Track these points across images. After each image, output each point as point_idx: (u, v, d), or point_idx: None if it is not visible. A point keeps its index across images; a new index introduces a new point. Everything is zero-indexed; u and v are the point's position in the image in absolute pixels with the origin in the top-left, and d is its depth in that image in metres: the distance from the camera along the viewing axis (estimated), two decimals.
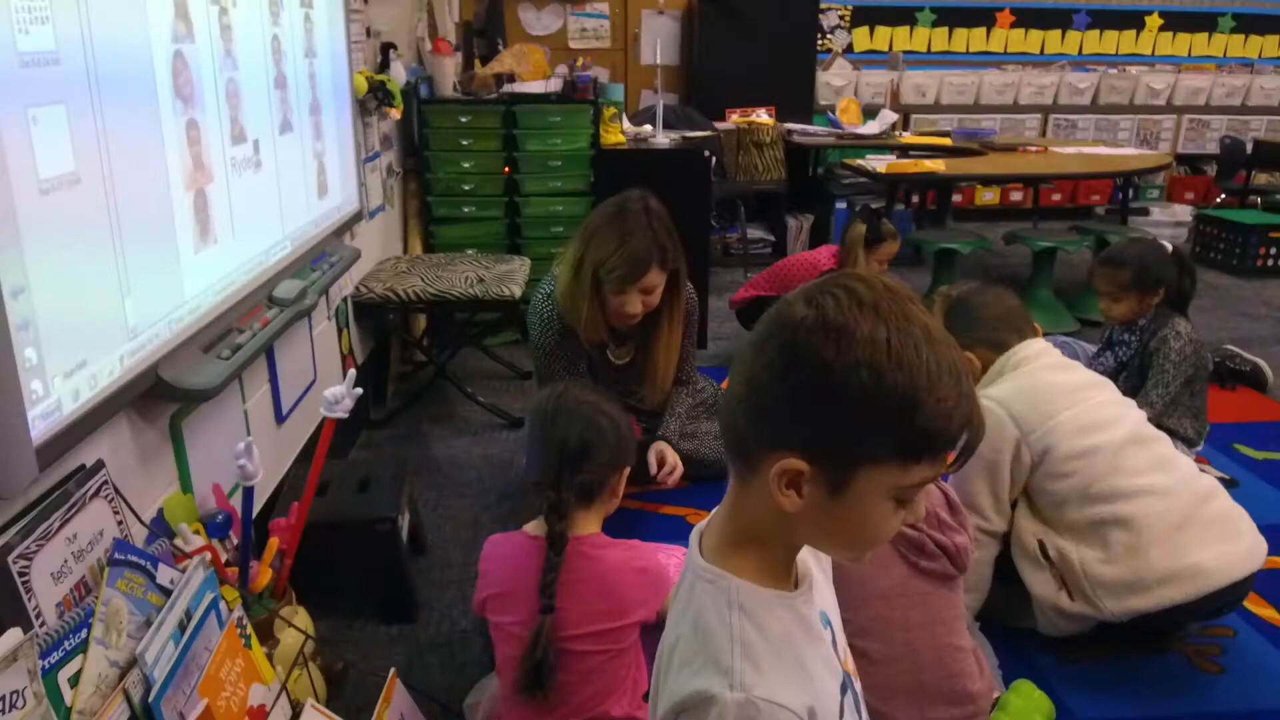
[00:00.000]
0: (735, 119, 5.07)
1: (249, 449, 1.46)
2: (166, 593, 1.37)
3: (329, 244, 2.55)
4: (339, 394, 1.63)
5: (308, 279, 2.21)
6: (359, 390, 1.67)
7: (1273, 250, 5.05)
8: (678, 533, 2.40)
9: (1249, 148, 5.77)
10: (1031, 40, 6.40)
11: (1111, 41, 6.45)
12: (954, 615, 1.61)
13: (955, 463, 0.86)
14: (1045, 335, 3.80)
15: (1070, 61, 6.41)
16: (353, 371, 1.67)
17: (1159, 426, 2.52)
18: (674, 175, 3.30)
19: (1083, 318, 4.22)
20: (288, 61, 2.23)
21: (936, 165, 3.99)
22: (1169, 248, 2.77)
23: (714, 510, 0.95)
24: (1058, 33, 6.40)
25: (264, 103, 2.08)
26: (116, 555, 1.30)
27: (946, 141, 4.97)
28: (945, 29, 6.28)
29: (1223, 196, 6.00)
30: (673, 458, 2.57)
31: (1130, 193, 6.00)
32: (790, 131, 5.07)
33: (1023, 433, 1.84)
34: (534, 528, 1.54)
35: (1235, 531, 1.81)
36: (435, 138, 3.70)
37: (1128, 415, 1.91)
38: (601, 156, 3.72)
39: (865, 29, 6.22)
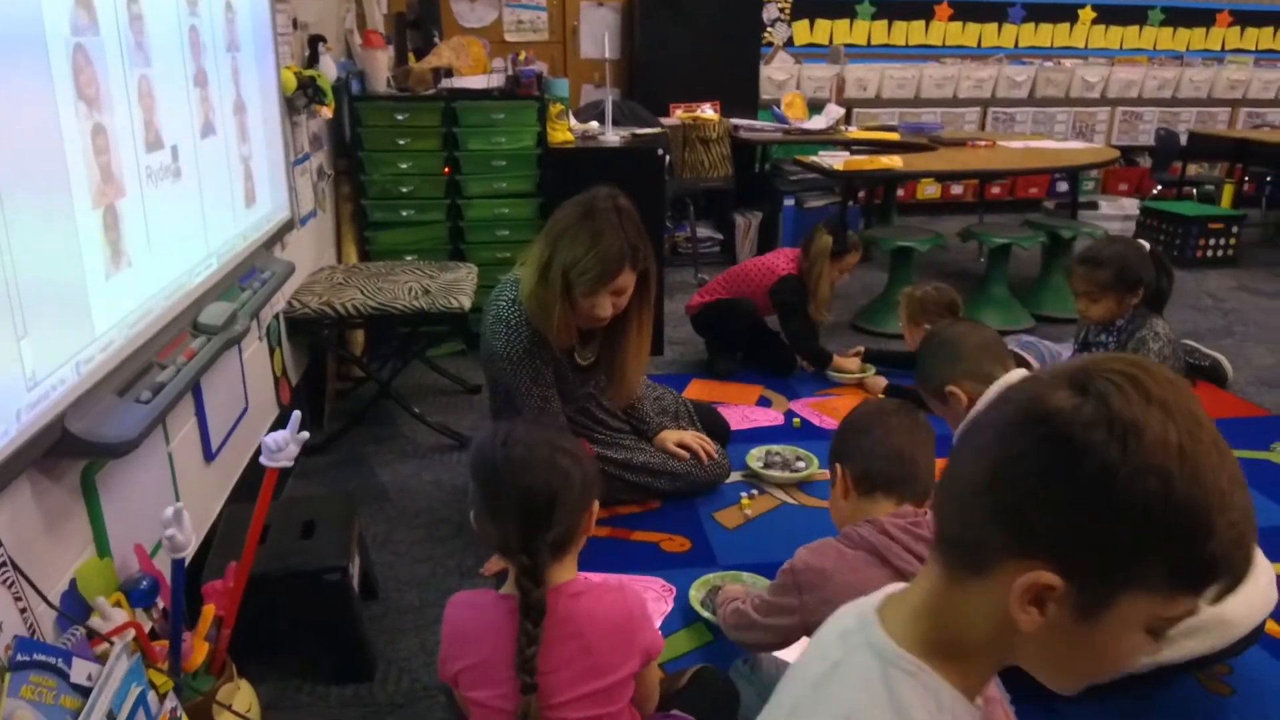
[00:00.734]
0: (680, 114, 4.91)
1: (178, 516, 1.24)
2: (84, 692, 1.15)
3: (259, 258, 2.32)
4: (281, 440, 1.42)
5: (237, 300, 1.98)
6: (305, 435, 1.46)
7: (1212, 242, 5.12)
8: (650, 561, 2.25)
9: (1182, 139, 5.85)
10: (969, 33, 6.39)
11: (1046, 34, 6.48)
12: None
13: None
14: (1006, 334, 3.77)
15: (1007, 55, 6.42)
16: (297, 414, 1.46)
17: None
18: (627, 175, 3.12)
19: (1038, 314, 4.19)
20: (208, 56, 1.99)
21: (894, 162, 3.89)
22: (1147, 247, 2.71)
23: (901, 590, 0.83)
24: (994, 26, 6.40)
25: (182, 103, 1.84)
26: (19, 656, 1.08)
27: (894, 136, 4.89)
28: (885, 22, 6.23)
29: (1159, 188, 6.09)
30: (691, 436, 2.55)
31: (1068, 185, 6.04)
32: (737, 127, 4.93)
33: None
34: (507, 588, 1.34)
35: (1259, 570, 1.70)
36: (369, 137, 3.46)
37: None
38: (549, 155, 3.52)
39: (805, 22, 6.12)
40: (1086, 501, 0.65)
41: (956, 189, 6.45)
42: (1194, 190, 5.94)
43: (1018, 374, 1.81)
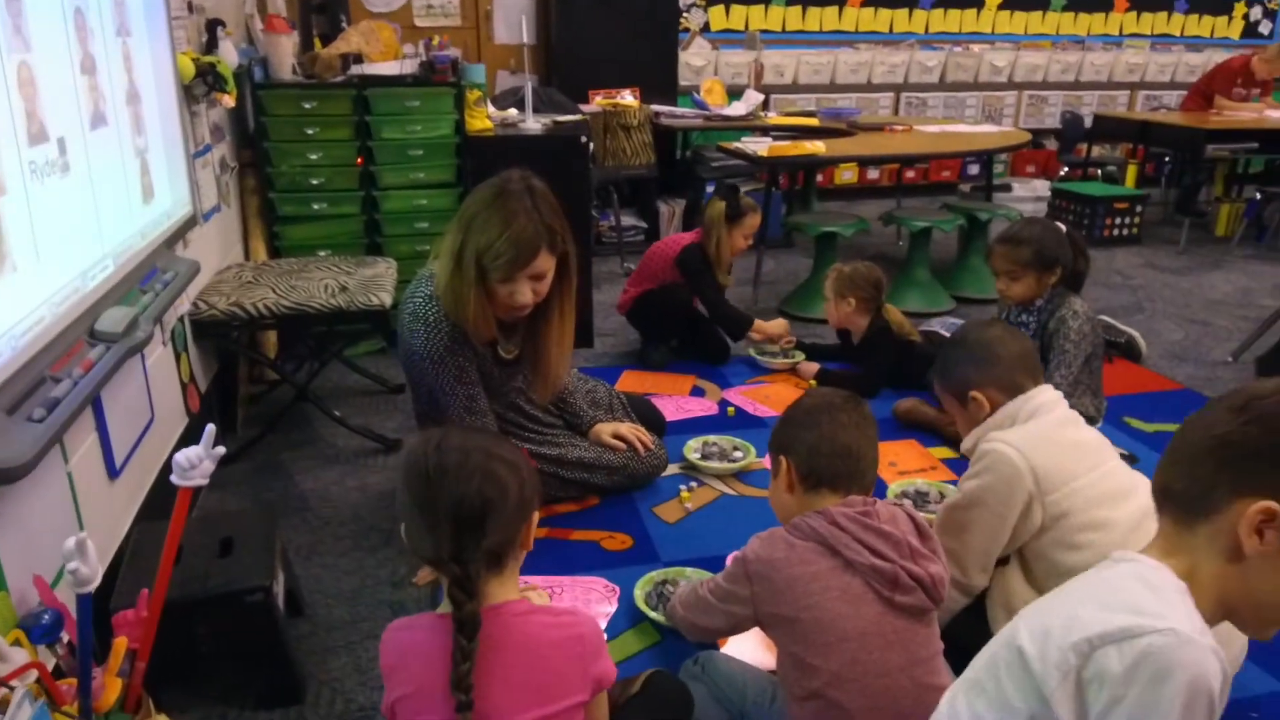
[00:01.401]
0: (599, 101, 4.83)
1: (81, 547, 1.12)
2: None
3: (160, 257, 2.16)
4: (194, 457, 1.31)
5: (138, 304, 1.83)
6: (220, 450, 1.35)
7: (1118, 220, 5.30)
8: (592, 560, 2.19)
9: (1086, 122, 6.04)
10: (881, 19, 6.47)
11: (955, 20, 6.61)
12: (933, 653, 1.46)
13: None
14: (928, 315, 3.81)
15: (918, 40, 6.53)
16: (210, 427, 1.35)
17: None
18: (550, 163, 3.01)
19: (957, 295, 4.26)
20: (96, 41, 1.83)
21: (817, 147, 3.89)
22: (1063, 228, 2.76)
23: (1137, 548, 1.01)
24: (905, 11, 6.50)
25: (69, 92, 1.69)
26: None
27: (814, 122, 4.91)
28: (799, 8, 6.25)
29: (1065, 170, 6.27)
30: (626, 427, 2.49)
31: (979, 168, 6.18)
32: (658, 114, 4.88)
33: (1041, 490, 1.65)
34: (445, 606, 1.25)
35: (1229, 631, 1.67)
36: (275, 127, 3.28)
37: (1140, 486, 1.73)
38: (468, 144, 3.40)
39: (721, 7, 6.11)
40: None
41: (873, 174, 6.53)
42: (1099, 171, 6.14)
43: (1050, 392, 1.78)
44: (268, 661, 1.73)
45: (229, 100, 2.89)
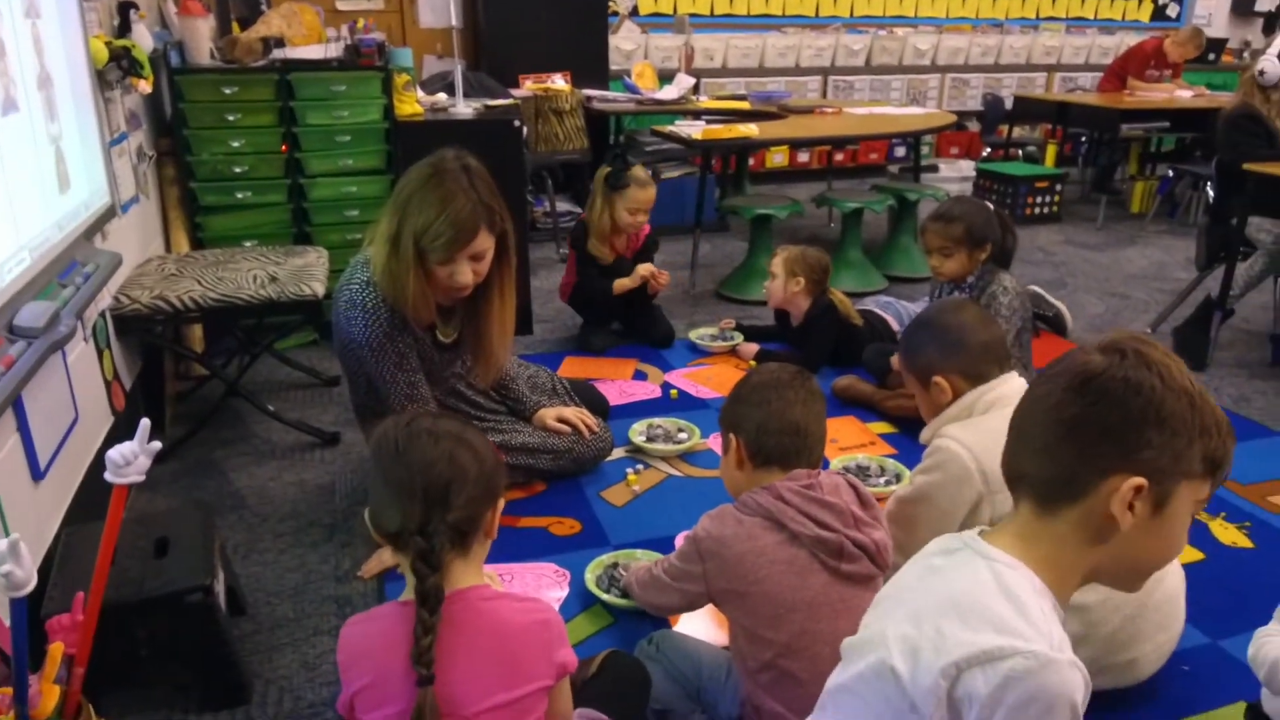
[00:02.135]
0: (530, 86, 4.77)
1: (14, 549, 1.07)
2: None
3: (79, 250, 2.07)
4: (129, 453, 1.26)
5: (58, 299, 1.75)
6: (156, 445, 1.30)
7: (1039, 199, 5.46)
8: (541, 546, 2.18)
9: (1007, 104, 6.19)
10: (807, 3, 6.53)
11: (879, 3, 6.70)
12: None
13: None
14: (862, 295, 3.87)
15: (844, 24, 6.60)
16: (145, 422, 1.29)
17: None
18: (483, 147, 2.94)
19: (889, 274, 4.34)
20: (4, 23, 1.74)
21: (750, 130, 3.91)
22: (990, 206, 2.83)
23: (991, 528, 1.03)
24: None
25: None
26: None
27: (745, 105, 4.94)
28: None
29: (988, 151, 6.43)
30: (570, 411, 2.48)
31: (906, 150, 6.29)
32: (589, 98, 4.85)
33: (990, 490, 1.63)
34: (405, 594, 1.24)
35: (1175, 615, 1.69)
36: (193, 113, 3.16)
37: None
38: (397, 129, 3.33)
39: None
40: (1151, 420, 0.90)
41: (804, 157, 6.60)
42: (1020, 152, 6.31)
43: (1015, 382, 1.75)
44: (211, 663, 1.68)
45: (145, 86, 2.78)
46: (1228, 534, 2.22)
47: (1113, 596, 1.59)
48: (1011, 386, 1.74)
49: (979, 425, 1.71)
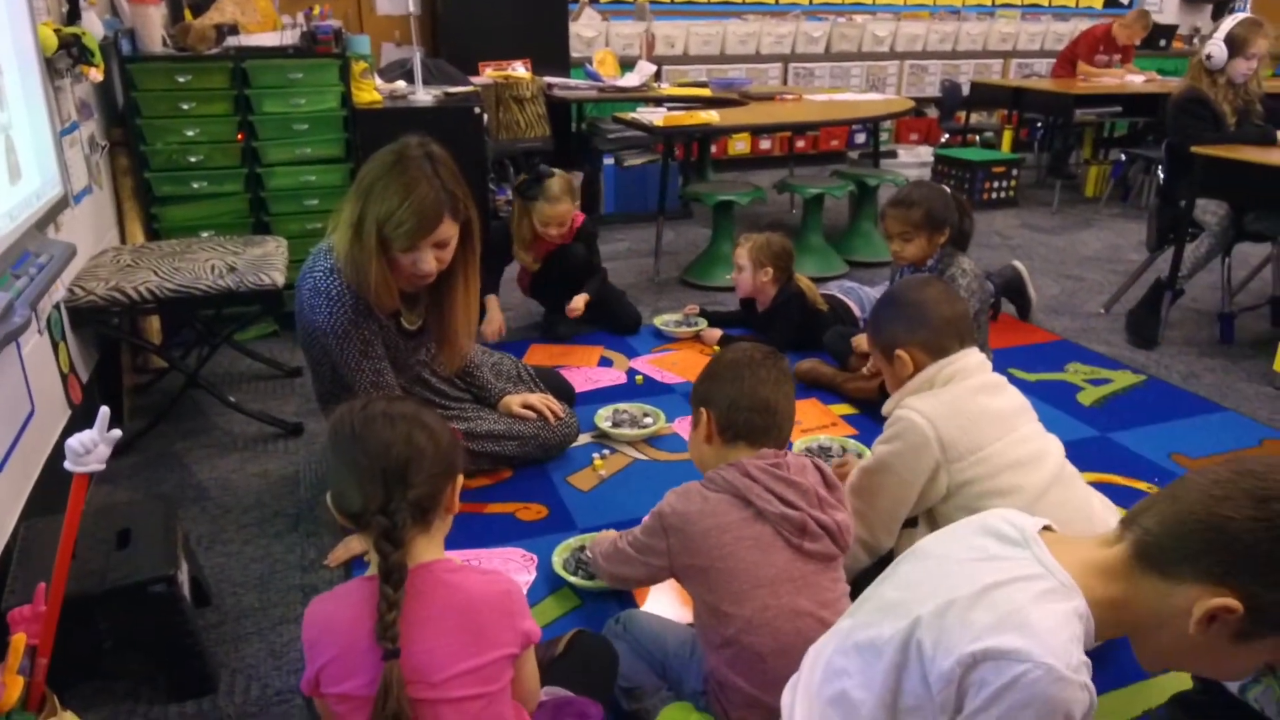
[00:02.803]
0: (490, 73, 4.75)
1: None
2: None
3: (31, 240, 2.04)
4: (89, 441, 1.25)
5: (11, 289, 1.73)
6: (116, 433, 1.29)
7: (996, 184, 5.54)
8: (508, 532, 2.19)
9: (964, 90, 6.27)
10: None
11: None
12: (838, 596, 1.52)
13: None
14: (823, 279, 3.92)
15: (804, 11, 6.64)
16: (105, 410, 1.28)
17: None
18: (443, 135, 2.92)
19: (850, 259, 4.39)
20: None
21: (711, 117, 3.93)
22: (948, 190, 2.87)
23: (1069, 536, 1.03)
24: None
25: None
26: None
27: (706, 92, 4.95)
28: None
29: (946, 136, 6.51)
30: (536, 397, 2.49)
31: (866, 136, 6.35)
32: (551, 86, 4.83)
33: (947, 459, 1.69)
34: (370, 570, 1.25)
35: None
36: (146, 102, 3.11)
37: (1051, 451, 1.80)
38: (356, 117, 3.31)
39: None
40: None
41: (765, 144, 6.63)
42: (977, 137, 6.40)
43: (974, 356, 1.79)
44: (177, 653, 1.67)
45: (96, 74, 2.73)
46: None
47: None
48: (970, 360, 1.79)
49: (938, 396, 1.76)
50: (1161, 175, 3.75)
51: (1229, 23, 3.51)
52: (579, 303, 3.32)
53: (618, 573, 1.70)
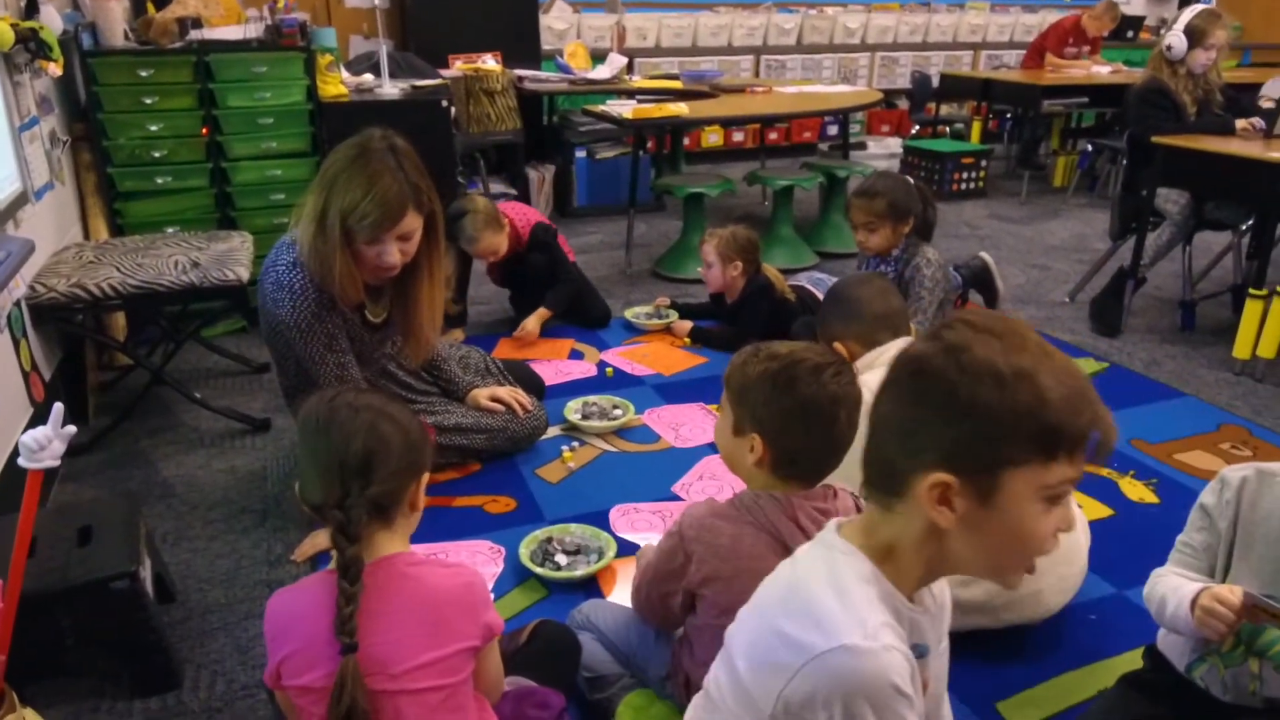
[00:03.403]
0: (460, 66, 4.73)
1: None
2: None
3: None
4: (42, 438, 1.24)
5: None
6: (71, 429, 1.28)
7: (965, 175, 5.58)
8: (476, 525, 2.20)
9: (935, 82, 6.31)
10: None
11: None
12: None
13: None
14: (793, 271, 3.94)
15: (775, 3, 6.65)
16: (59, 406, 1.28)
17: None
18: (411, 129, 2.92)
19: (820, 250, 4.41)
20: None
21: (680, 109, 3.94)
22: (910, 180, 2.90)
23: (846, 519, 1.01)
24: None
25: None
26: None
27: (677, 85, 4.96)
28: None
29: (916, 128, 6.55)
30: (504, 390, 2.49)
31: (838, 129, 6.36)
32: (521, 78, 4.82)
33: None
34: (332, 563, 1.26)
35: (1074, 552, 1.78)
36: (108, 97, 3.08)
37: None
38: (322, 111, 3.29)
39: None
40: (943, 410, 0.85)
41: (739, 136, 6.65)
42: (947, 128, 6.44)
43: (901, 343, 1.83)
44: (140, 649, 1.66)
45: (55, 69, 2.70)
46: (1135, 490, 2.33)
47: None
48: (899, 349, 1.83)
49: (866, 383, 1.80)
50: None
51: (1188, 14, 3.56)
52: (533, 324, 3.29)
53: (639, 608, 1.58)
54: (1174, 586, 1.32)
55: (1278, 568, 1.26)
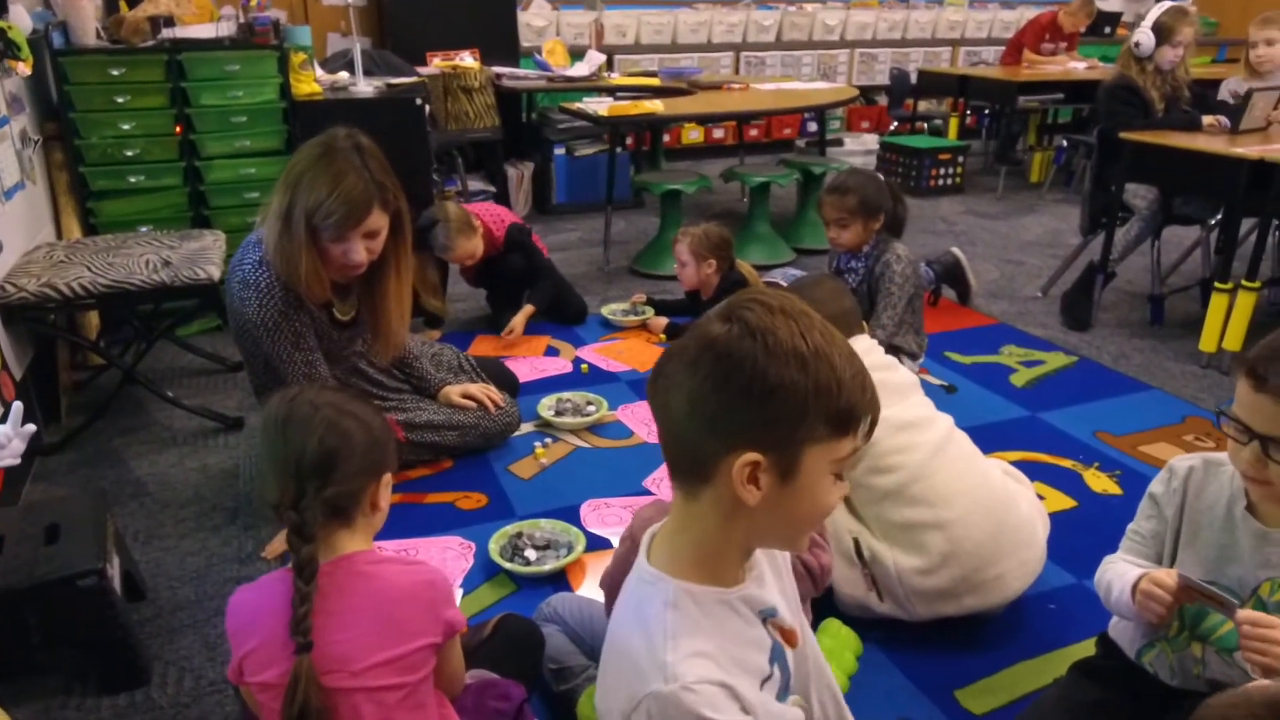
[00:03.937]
0: (438, 63, 4.73)
1: None
2: None
3: None
4: (3, 436, 1.25)
5: None
6: (30, 427, 1.29)
7: (941, 171, 5.62)
8: (447, 521, 2.21)
9: (913, 78, 6.35)
10: None
11: None
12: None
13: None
14: (770, 268, 3.97)
15: (755, 0, 6.67)
16: (18, 404, 1.29)
17: (890, 347, 2.69)
18: (385, 127, 2.93)
19: (797, 247, 4.44)
20: None
21: (655, 106, 3.95)
22: (881, 177, 2.93)
23: (661, 523, 1.02)
24: None
25: None
26: None
27: (655, 82, 4.97)
28: None
29: (895, 125, 6.58)
30: (476, 387, 2.49)
31: (818, 125, 6.39)
32: (499, 76, 4.82)
33: None
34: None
35: (1033, 536, 1.81)
36: (80, 96, 3.07)
37: (940, 418, 1.87)
38: (295, 109, 3.29)
39: None
40: (753, 392, 0.87)
41: (718, 133, 6.66)
42: (925, 125, 6.48)
43: (863, 341, 1.86)
44: (107, 646, 1.67)
45: (24, 68, 2.69)
46: (1099, 482, 2.37)
47: (972, 513, 1.73)
48: (861, 345, 1.83)
49: None
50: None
51: (1156, 11, 3.60)
52: (520, 323, 3.29)
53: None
54: (1120, 572, 1.35)
55: (1220, 554, 1.29)
